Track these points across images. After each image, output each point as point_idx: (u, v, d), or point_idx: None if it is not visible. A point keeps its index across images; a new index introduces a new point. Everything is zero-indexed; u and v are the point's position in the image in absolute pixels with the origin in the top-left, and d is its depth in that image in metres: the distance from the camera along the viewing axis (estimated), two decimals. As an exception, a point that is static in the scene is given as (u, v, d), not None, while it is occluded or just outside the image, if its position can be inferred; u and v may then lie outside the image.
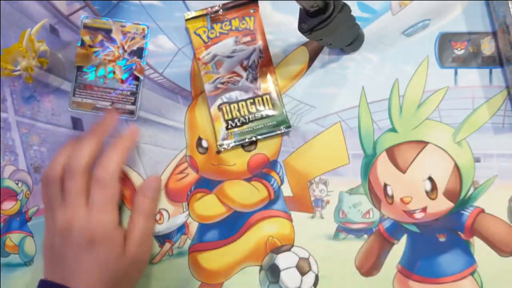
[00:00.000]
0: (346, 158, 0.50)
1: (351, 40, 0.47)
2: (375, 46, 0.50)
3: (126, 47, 0.42)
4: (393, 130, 0.49)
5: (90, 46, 0.42)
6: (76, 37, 0.53)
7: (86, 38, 0.43)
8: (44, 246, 0.47)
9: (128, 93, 0.49)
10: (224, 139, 0.50)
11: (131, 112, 0.51)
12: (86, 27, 0.44)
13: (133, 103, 0.49)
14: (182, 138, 0.52)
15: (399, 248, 0.48)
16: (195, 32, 0.51)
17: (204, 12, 0.51)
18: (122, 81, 0.46)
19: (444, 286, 0.47)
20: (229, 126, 0.50)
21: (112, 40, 0.42)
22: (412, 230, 0.48)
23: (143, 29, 0.43)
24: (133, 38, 0.41)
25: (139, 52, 0.46)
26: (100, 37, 0.41)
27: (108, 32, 0.44)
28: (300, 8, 0.39)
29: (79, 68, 0.48)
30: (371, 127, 0.49)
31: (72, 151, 0.46)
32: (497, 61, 0.48)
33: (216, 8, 0.51)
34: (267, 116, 0.50)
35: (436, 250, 0.48)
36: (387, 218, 0.49)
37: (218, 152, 0.51)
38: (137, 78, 0.48)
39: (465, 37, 0.49)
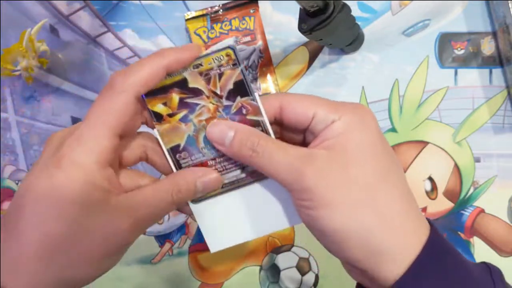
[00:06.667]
0: (346, 158, 0.50)
1: (351, 40, 0.47)
2: (375, 46, 0.50)
3: (218, 91, 0.29)
4: (393, 130, 0.49)
5: (171, 116, 0.29)
6: (76, 37, 0.53)
7: (159, 108, 0.29)
8: None
9: None
10: (224, 139, 0.50)
11: None
12: (149, 94, 0.29)
13: None
14: (182, 138, 0.52)
15: (399, 248, 0.48)
16: (195, 32, 0.51)
17: (204, 12, 0.51)
18: None
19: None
20: (229, 126, 0.50)
21: (195, 92, 0.29)
22: (412, 230, 0.48)
23: (227, 55, 0.29)
24: (221, 74, 0.29)
25: (239, 88, 0.29)
26: (176, 97, 0.29)
27: (182, 84, 0.29)
28: (300, 8, 0.39)
29: (174, 151, 0.31)
30: (371, 127, 0.49)
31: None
32: (497, 61, 0.48)
33: (216, 8, 0.51)
34: (267, 116, 0.50)
35: (436, 250, 0.48)
36: (387, 218, 0.49)
37: (218, 152, 0.51)
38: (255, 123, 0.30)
39: (465, 37, 0.49)
